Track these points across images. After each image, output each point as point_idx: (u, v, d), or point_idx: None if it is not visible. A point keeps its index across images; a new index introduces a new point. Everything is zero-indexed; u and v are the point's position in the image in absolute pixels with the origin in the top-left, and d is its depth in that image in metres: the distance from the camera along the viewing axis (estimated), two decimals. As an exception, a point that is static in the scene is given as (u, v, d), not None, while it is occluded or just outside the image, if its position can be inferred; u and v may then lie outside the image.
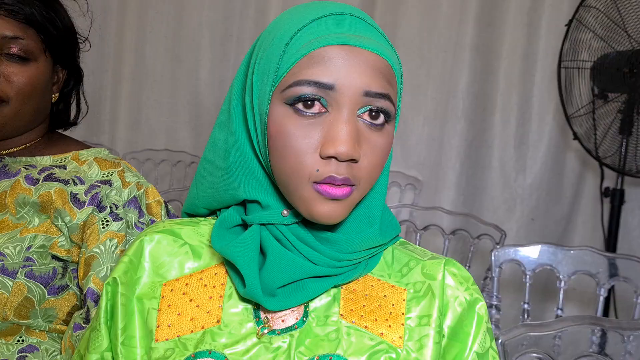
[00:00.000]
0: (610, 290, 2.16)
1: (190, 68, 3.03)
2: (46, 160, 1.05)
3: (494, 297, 1.59)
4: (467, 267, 1.93)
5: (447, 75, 2.73)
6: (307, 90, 0.64)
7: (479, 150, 2.72)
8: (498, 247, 1.65)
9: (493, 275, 1.58)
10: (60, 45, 1.04)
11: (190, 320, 0.71)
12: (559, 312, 1.58)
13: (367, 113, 0.66)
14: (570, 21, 2.24)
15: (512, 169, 2.68)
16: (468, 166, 2.74)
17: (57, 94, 1.08)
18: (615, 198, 2.29)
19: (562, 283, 1.57)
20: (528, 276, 1.60)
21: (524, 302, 1.62)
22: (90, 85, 2.99)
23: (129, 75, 3.05)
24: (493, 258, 1.59)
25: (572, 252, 1.55)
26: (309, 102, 0.65)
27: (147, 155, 2.92)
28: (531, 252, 1.58)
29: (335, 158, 0.64)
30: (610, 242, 2.25)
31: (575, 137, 2.30)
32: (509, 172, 2.69)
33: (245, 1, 2.95)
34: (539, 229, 2.65)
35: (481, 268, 2.25)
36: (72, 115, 1.15)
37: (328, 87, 0.64)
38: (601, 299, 1.53)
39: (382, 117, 0.67)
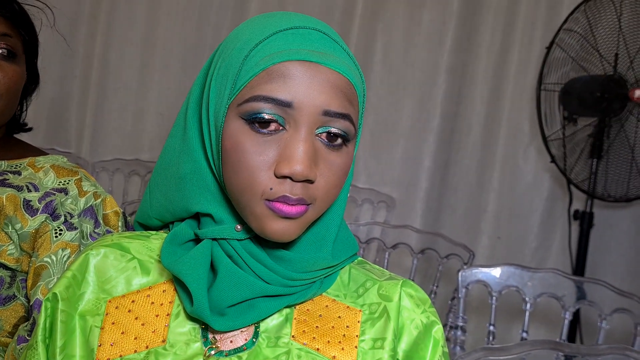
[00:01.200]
0: (576, 314, 2.16)
1: (160, 76, 2.98)
2: (0, 165, 1.02)
3: (460, 318, 1.57)
4: (434, 287, 1.92)
5: (425, 95, 2.74)
6: (264, 107, 0.62)
7: (451, 170, 2.72)
8: (465, 267, 1.64)
9: (459, 295, 1.57)
10: (34, 48, 1.05)
11: (135, 339, 0.68)
12: (524, 334, 1.57)
13: (325, 134, 0.64)
14: (551, 44, 2.27)
15: (483, 190, 2.69)
16: (440, 185, 2.74)
17: None
18: (584, 221, 2.31)
19: (528, 305, 1.56)
20: (494, 297, 1.59)
21: (490, 324, 1.61)
22: (57, 92, 2.97)
23: (97, 82, 2.99)
24: (460, 278, 1.58)
25: (538, 274, 1.55)
26: (265, 122, 0.63)
27: (116, 165, 2.87)
28: (497, 273, 1.57)
29: (290, 178, 0.62)
30: (579, 265, 2.26)
31: (553, 160, 2.31)
32: (480, 192, 2.70)
33: (220, 12, 2.93)
34: (508, 251, 2.65)
35: (449, 288, 2.24)
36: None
37: (286, 105, 0.62)
38: (566, 322, 1.53)
39: (340, 139, 0.65)
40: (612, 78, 2.19)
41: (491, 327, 1.60)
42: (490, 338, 1.59)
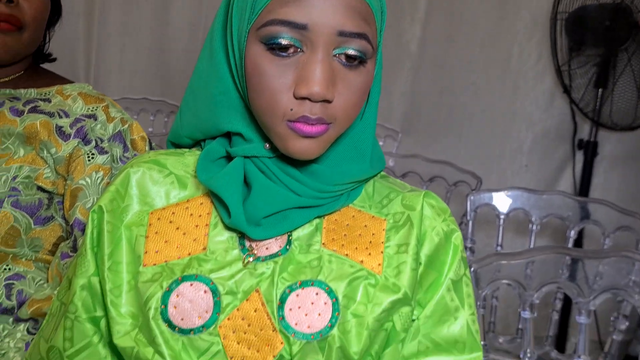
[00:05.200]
0: (580, 234, 2.23)
1: (158, 11, 2.95)
2: (30, 93, 1.05)
3: (469, 239, 1.64)
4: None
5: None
6: (281, 30, 0.64)
7: (454, 99, 2.71)
8: (474, 192, 1.69)
9: (469, 218, 1.63)
10: None
11: (177, 247, 0.72)
12: (531, 254, 1.64)
13: (343, 55, 0.66)
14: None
15: (486, 117, 2.68)
16: (444, 114, 2.73)
17: None
18: (588, 149, 2.35)
19: (534, 226, 1.63)
20: (502, 219, 1.65)
21: (497, 245, 1.68)
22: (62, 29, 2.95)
23: (98, 20, 2.97)
24: (468, 202, 1.64)
25: (544, 196, 1.60)
26: (283, 47, 0.65)
27: (124, 104, 2.88)
28: (505, 197, 1.62)
29: (309, 99, 0.65)
30: (583, 190, 2.32)
31: (565, 90, 2.33)
32: (485, 120, 2.68)
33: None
34: (514, 180, 2.68)
35: (458, 214, 2.29)
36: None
37: (301, 27, 0.64)
38: (571, 240, 1.59)
39: (358, 59, 0.67)
40: (620, 6, 2.18)
41: (498, 248, 1.67)
42: (498, 258, 1.66)
